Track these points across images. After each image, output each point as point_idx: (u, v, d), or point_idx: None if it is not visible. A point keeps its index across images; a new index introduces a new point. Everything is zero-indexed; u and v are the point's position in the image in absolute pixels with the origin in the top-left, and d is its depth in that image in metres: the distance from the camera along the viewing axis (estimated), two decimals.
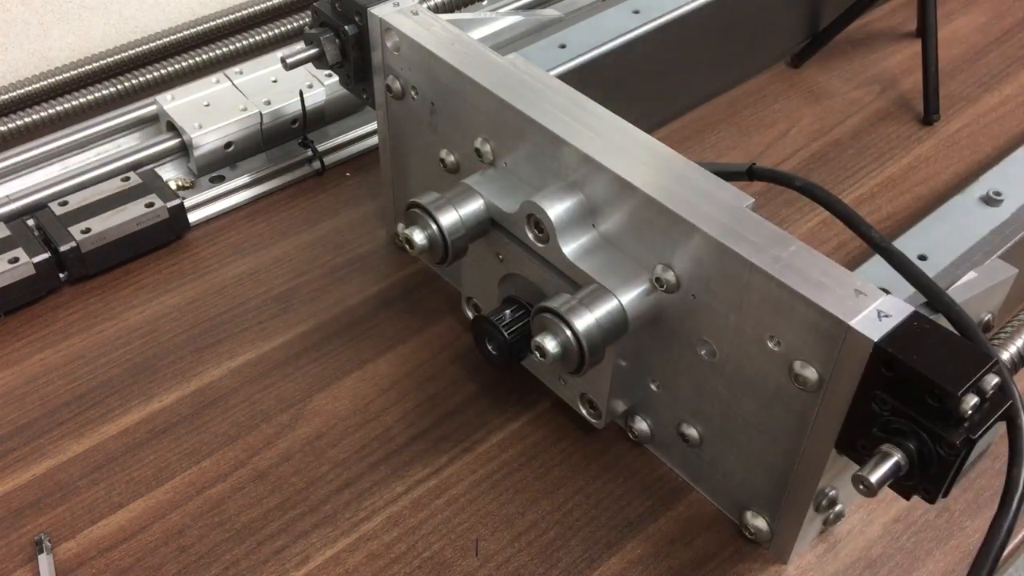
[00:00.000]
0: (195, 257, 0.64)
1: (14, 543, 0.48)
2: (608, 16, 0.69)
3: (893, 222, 0.68)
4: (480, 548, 0.49)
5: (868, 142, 0.75)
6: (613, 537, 0.49)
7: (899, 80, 0.80)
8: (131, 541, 0.49)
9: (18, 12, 0.72)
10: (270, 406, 0.55)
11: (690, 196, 0.43)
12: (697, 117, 0.77)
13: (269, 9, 0.82)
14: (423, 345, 0.59)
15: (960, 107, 0.78)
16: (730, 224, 0.42)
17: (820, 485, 0.44)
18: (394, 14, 0.55)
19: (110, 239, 0.61)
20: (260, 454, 0.53)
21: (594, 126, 0.48)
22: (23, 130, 0.69)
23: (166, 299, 0.61)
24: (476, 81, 0.50)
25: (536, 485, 0.52)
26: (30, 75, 0.73)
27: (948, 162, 0.73)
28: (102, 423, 0.54)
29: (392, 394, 0.56)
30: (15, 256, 0.59)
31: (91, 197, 0.63)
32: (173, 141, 0.68)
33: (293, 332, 0.59)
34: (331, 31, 0.59)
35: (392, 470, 0.52)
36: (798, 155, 0.73)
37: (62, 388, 0.56)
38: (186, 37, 0.78)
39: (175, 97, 0.69)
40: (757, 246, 0.41)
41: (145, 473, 0.52)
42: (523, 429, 0.54)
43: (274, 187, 0.69)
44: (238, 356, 0.58)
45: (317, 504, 0.50)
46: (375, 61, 0.57)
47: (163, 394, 0.55)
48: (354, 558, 0.48)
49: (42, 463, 0.52)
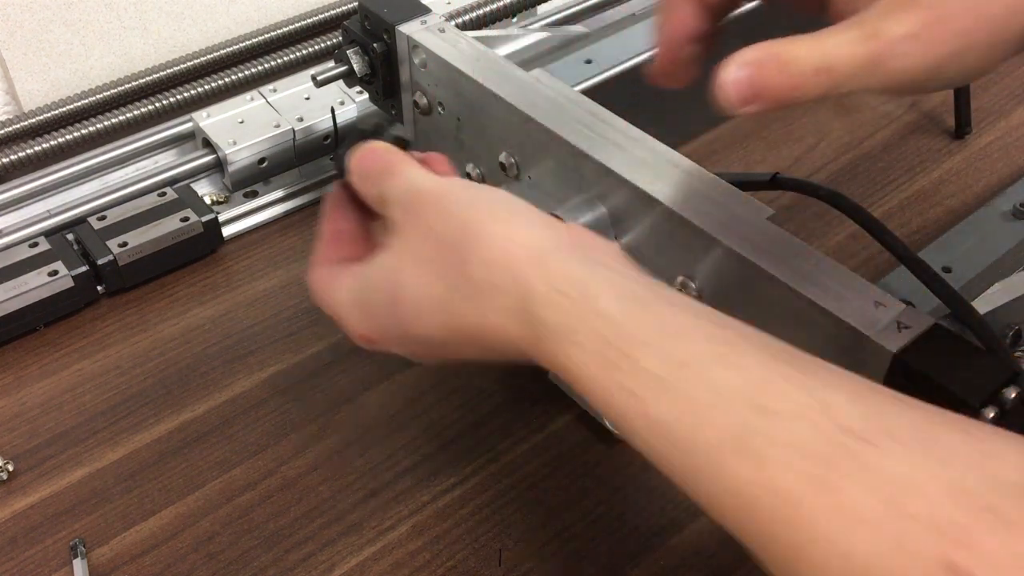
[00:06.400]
0: (228, 270, 0.65)
1: (50, 548, 0.50)
2: (634, 31, 0.69)
3: (923, 235, 0.67)
4: (503, 558, 0.49)
5: (898, 155, 0.74)
6: (637, 548, 0.50)
7: (930, 94, 0.80)
8: (162, 547, 0.50)
9: (60, 33, 0.74)
10: (299, 416, 0.56)
11: (711, 208, 0.44)
12: (725, 131, 0.77)
13: (302, 28, 0.84)
14: None
15: (992, 120, 0.77)
16: (750, 236, 0.42)
17: None
18: (421, 32, 0.56)
19: (146, 253, 0.63)
20: (288, 463, 0.54)
21: (617, 140, 0.48)
22: (64, 147, 0.71)
23: (199, 311, 0.62)
24: (500, 96, 0.51)
25: (560, 496, 0.52)
26: (72, 94, 0.75)
27: (979, 175, 0.72)
28: (136, 432, 0.55)
29: (419, 405, 0.56)
30: (55, 269, 0.60)
31: (128, 212, 0.64)
32: (208, 157, 0.70)
33: (322, 344, 0.60)
34: (360, 48, 0.60)
35: (417, 480, 0.53)
36: (827, 168, 0.73)
37: (98, 398, 0.57)
38: (222, 56, 0.80)
39: (210, 114, 0.71)
40: (777, 258, 0.41)
41: (176, 481, 0.53)
42: (548, 440, 0.55)
43: (306, 201, 0.70)
44: (268, 367, 0.59)
45: (343, 513, 0.51)
46: (403, 78, 0.58)
47: (195, 404, 0.57)
48: (379, 566, 0.49)
49: (78, 471, 0.53)
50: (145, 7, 0.77)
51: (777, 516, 0.28)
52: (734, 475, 0.29)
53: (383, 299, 0.40)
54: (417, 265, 0.38)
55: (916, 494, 0.25)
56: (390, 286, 0.39)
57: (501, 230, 0.36)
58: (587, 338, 0.33)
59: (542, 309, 0.34)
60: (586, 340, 0.33)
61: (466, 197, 0.39)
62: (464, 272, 0.36)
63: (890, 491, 0.26)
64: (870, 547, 0.25)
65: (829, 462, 0.27)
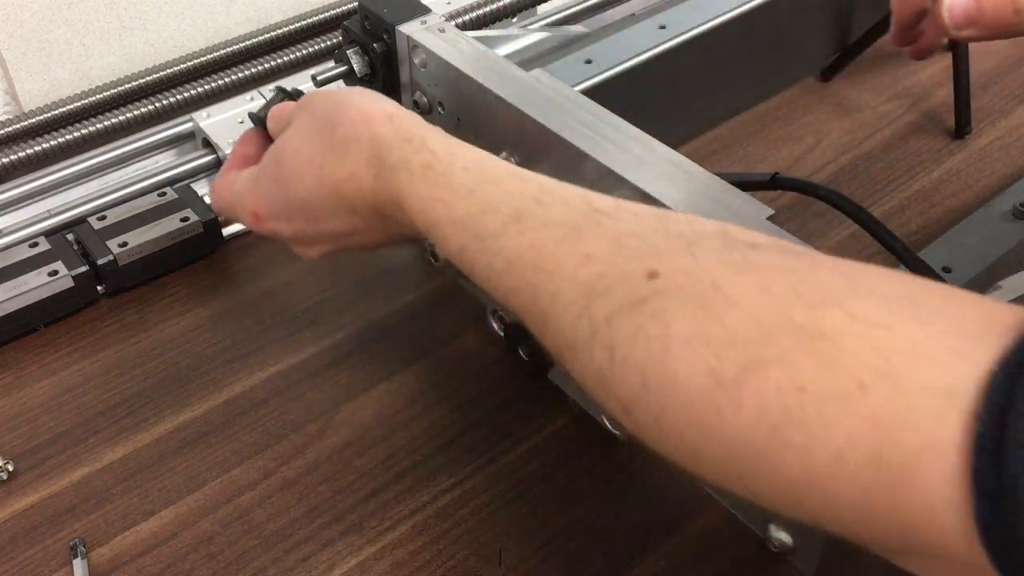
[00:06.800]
0: (228, 271, 0.66)
1: (50, 547, 0.50)
2: (634, 32, 0.69)
3: (923, 235, 0.67)
4: (504, 558, 0.49)
5: (898, 155, 0.74)
6: (636, 549, 0.50)
7: (930, 93, 0.80)
8: (162, 547, 0.50)
9: (60, 33, 0.74)
10: (299, 416, 0.56)
11: (711, 208, 0.44)
12: (725, 131, 0.77)
13: (302, 28, 0.84)
14: (449, 357, 0.59)
15: (992, 120, 0.77)
16: None
17: None
18: (421, 32, 0.56)
19: (146, 253, 0.63)
20: (289, 463, 0.54)
21: (616, 140, 0.48)
22: (64, 147, 0.71)
23: (199, 311, 0.62)
24: (500, 96, 0.51)
25: (560, 497, 0.52)
26: (72, 93, 0.75)
27: (980, 175, 0.72)
28: (136, 432, 0.55)
29: (418, 405, 0.56)
30: (55, 269, 0.60)
31: (128, 212, 0.64)
32: (208, 157, 0.70)
33: (322, 344, 0.60)
34: (361, 48, 0.60)
35: (417, 480, 0.53)
36: (827, 168, 0.73)
37: (98, 398, 0.57)
38: (222, 56, 0.80)
39: (210, 114, 0.71)
40: None
41: (176, 481, 0.53)
42: (547, 441, 0.55)
43: None
44: (268, 367, 0.59)
45: (343, 513, 0.51)
46: (403, 77, 0.58)
47: (195, 404, 0.57)
48: (379, 566, 0.49)
49: (78, 470, 0.53)
50: (145, 7, 0.77)
51: (536, 264, 0.36)
52: (508, 245, 0.37)
53: (271, 171, 0.48)
54: (299, 137, 0.47)
55: (634, 235, 0.35)
56: (277, 156, 0.48)
57: (365, 102, 0.46)
58: (417, 166, 0.42)
59: (388, 152, 0.43)
60: (416, 168, 0.42)
61: (345, 90, 0.49)
62: (333, 133, 0.45)
63: (618, 237, 0.35)
64: (594, 269, 0.34)
65: (579, 228, 0.36)
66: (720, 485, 0.32)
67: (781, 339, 0.29)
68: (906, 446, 0.26)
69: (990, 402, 0.25)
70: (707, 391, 0.30)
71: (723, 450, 0.30)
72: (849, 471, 0.27)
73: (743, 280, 0.31)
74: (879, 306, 0.28)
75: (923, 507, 0.26)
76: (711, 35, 0.70)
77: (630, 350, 0.32)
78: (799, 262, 0.32)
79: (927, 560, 0.29)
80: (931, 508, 0.26)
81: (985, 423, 0.25)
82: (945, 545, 0.26)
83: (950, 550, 0.26)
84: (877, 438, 0.26)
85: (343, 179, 0.45)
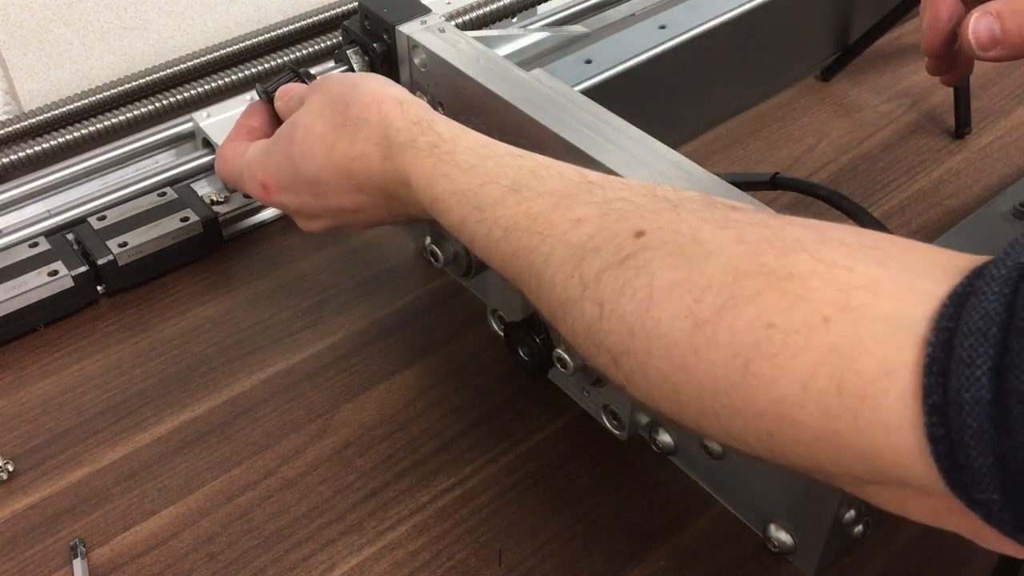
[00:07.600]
0: (228, 270, 0.66)
1: (50, 548, 0.50)
2: (634, 32, 0.69)
3: (923, 235, 0.67)
4: (504, 558, 0.49)
5: (898, 155, 0.74)
6: (636, 548, 0.50)
7: (930, 93, 0.80)
8: (162, 547, 0.50)
9: (60, 33, 0.74)
10: (299, 416, 0.56)
11: None
12: (725, 131, 0.77)
13: (302, 28, 0.83)
14: (449, 357, 0.59)
15: (992, 120, 0.77)
16: None
17: (844, 497, 0.43)
18: (421, 32, 0.56)
19: (146, 253, 0.63)
20: (289, 463, 0.54)
21: (616, 140, 0.48)
22: (64, 147, 0.71)
23: (200, 311, 0.62)
24: (500, 96, 0.51)
25: (560, 496, 0.52)
26: (72, 94, 0.75)
27: (979, 175, 0.72)
28: (136, 432, 0.55)
29: (418, 405, 0.56)
30: (55, 269, 0.60)
31: (128, 212, 0.64)
32: (208, 157, 0.70)
33: (322, 344, 0.60)
34: (361, 48, 0.60)
35: (418, 480, 0.53)
36: (827, 168, 0.73)
37: (98, 398, 0.57)
38: (222, 56, 0.80)
39: (210, 114, 0.71)
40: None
41: (177, 481, 0.53)
42: (547, 441, 0.55)
43: None
44: (269, 367, 0.59)
45: (344, 513, 0.51)
46: (403, 77, 0.58)
47: (195, 404, 0.57)
48: (379, 566, 0.49)
49: (78, 471, 0.53)
50: (145, 7, 0.77)
51: (531, 229, 0.38)
52: (506, 213, 0.39)
53: (282, 145, 0.50)
54: (312, 116, 0.48)
55: (621, 199, 0.37)
56: (289, 131, 0.49)
57: (377, 85, 0.48)
58: (423, 145, 0.44)
59: (396, 134, 0.45)
60: (422, 146, 0.44)
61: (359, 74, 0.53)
62: (345, 113, 0.47)
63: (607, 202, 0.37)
64: (585, 231, 0.37)
65: (570, 195, 0.39)
66: (699, 427, 0.34)
67: (754, 281, 0.31)
68: (865, 372, 0.28)
69: (938, 328, 0.27)
70: (687, 333, 0.32)
71: (701, 389, 0.32)
72: (813, 399, 0.29)
73: (722, 234, 0.33)
74: (844, 251, 0.31)
75: (881, 428, 0.28)
76: (711, 35, 0.70)
77: (618, 302, 0.34)
78: (774, 219, 0.34)
79: (889, 490, 0.31)
80: (888, 428, 0.28)
81: (934, 346, 0.27)
82: (902, 465, 0.28)
83: (907, 471, 0.28)
84: (839, 366, 0.28)
85: (353, 158, 0.46)
